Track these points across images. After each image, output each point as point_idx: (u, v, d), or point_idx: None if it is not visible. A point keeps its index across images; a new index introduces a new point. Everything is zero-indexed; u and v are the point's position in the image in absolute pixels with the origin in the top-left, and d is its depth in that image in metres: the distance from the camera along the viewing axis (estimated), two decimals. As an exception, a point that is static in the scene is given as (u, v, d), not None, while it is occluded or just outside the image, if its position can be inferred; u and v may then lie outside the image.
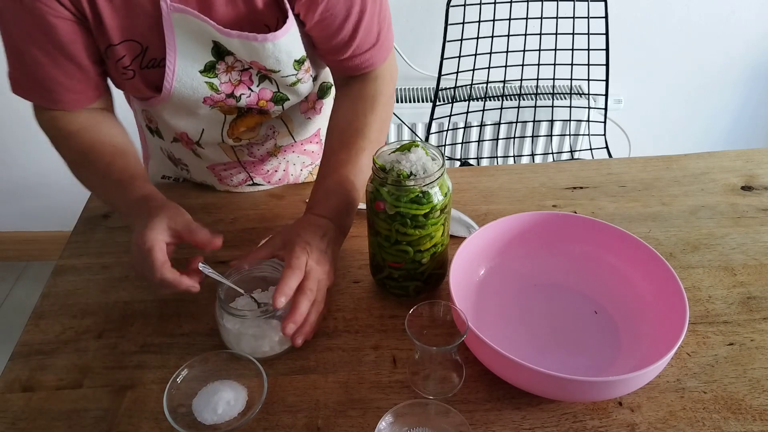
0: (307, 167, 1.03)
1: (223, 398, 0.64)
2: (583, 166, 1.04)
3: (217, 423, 0.63)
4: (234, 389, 0.66)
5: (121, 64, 0.77)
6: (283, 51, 0.78)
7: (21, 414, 0.67)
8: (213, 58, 0.78)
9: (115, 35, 0.74)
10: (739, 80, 1.98)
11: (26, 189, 2.08)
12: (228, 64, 0.79)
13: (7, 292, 2.12)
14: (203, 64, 0.78)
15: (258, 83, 0.83)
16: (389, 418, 0.59)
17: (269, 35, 0.75)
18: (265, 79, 0.83)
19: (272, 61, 0.78)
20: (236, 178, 0.99)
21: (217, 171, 0.97)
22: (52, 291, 0.82)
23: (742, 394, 0.66)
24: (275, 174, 1.00)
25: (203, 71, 0.79)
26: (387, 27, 0.85)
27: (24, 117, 0.80)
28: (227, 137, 0.90)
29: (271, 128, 0.93)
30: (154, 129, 0.94)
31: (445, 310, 0.68)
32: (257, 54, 0.77)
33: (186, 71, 0.78)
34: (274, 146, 0.96)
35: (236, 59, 0.79)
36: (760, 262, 0.83)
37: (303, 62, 0.82)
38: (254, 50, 0.76)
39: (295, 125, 0.95)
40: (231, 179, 0.98)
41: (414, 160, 0.69)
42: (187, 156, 0.96)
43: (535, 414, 0.65)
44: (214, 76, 0.79)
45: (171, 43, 0.75)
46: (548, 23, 1.64)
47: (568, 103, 1.80)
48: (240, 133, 0.90)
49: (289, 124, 0.94)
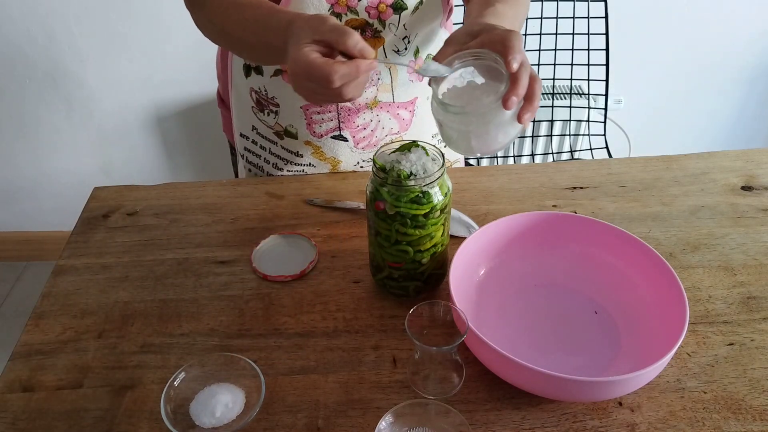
0: (394, 134, 1.02)
1: (221, 401, 0.64)
2: (583, 166, 1.04)
3: (216, 426, 0.63)
4: (232, 392, 0.66)
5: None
6: None
7: (21, 414, 0.67)
8: None
9: None
10: (739, 80, 1.98)
11: (26, 189, 2.08)
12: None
13: (7, 292, 2.12)
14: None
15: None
16: (389, 418, 0.59)
17: None
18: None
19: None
20: (326, 126, 0.98)
21: (310, 113, 0.96)
22: (52, 291, 0.82)
23: (742, 394, 0.66)
24: (363, 131, 0.99)
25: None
26: None
27: (24, 117, 0.80)
28: None
29: (377, 73, 0.93)
30: (253, 66, 0.95)
31: (445, 310, 0.68)
32: None
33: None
34: (374, 99, 0.95)
35: None
36: (760, 262, 0.83)
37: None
38: None
39: (399, 83, 0.95)
40: (320, 125, 0.98)
41: (414, 160, 0.69)
42: (284, 92, 0.95)
43: (535, 414, 0.65)
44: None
45: None
46: (548, 23, 1.64)
47: (568, 103, 1.80)
48: None
49: (394, 79, 0.94)
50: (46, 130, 1.94)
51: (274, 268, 0.83)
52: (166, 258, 0.87)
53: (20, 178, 2.05)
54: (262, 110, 1.00)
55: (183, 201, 0.98)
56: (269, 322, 0.76)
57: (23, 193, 2.09)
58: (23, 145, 1.98)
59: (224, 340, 0.74)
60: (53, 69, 1.82)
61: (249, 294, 0.80)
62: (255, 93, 0.99)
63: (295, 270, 0.83)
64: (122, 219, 0.94)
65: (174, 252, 0.88)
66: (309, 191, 0.98)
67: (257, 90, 0.98)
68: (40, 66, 1.82)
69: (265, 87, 0.97)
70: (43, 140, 1.96)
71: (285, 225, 0.92)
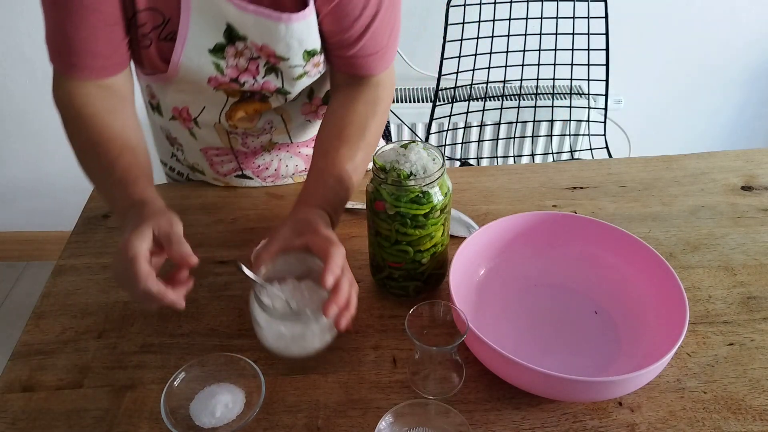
0: (300, 172, 1.03)
1: (221, 401, 0.64)
2: (583, 166, 1.04)
3: (216, 426, 0.63)
4: (232, 392, 0.66)
5: (141, 32, 0.78)
6: (295, 37, 0.78)
7: (21, 414, 0.67)
8: (224, 40, 0.78)
9: (141, 1, 0.75)
10: (739, 80, 1.98)
11: (26, 189, 2.08)
12: (237, 50, 0.80)
13: (7, 292, 2.12)
14: (213, 44, 0.79)
15: (264, 75, 0.83)
16: (389, 418, 0.59)
17: (284, 15, 0.75)
18: (272, 72, 0.83)
19: (283, 46, 0.78)
20: (226, 167, 0.99)
21: (210, 155, 0.97)
22: (52, 291, 0.82)
23: (742, 394, 0.66)
24: (266, 170, 1.00)
25: (212, 51, 0.79)
26: (395, 37, 0.85)
27: (24, 117, 0.80)
28: (225, 120, 0.90)
29: (269, 123, 0.93)
30: (155, 105, 0.94)
31: (445, 310, 0.68)
32: (269, 35, 0.77)
33: (195, 48, 0.78)
34: (269, 141, 0.96)
35: (246, 46, 0.79)
36: (760, 262, 0.83)
37: (314, 55, 0.82)
38: (267, 30, 0.76)
39: (294, 125, 0.95)
40: (221, 166, 0.99)
41: (414, 160, 0.69)
42: (182, 135, 0.96)
43: (535, 414, 0.65)
44: (222, 58, 0.80)
45: (186, 17, 0.76)
46: (548, 23, 1.64)
47: (568, 103, 1.80)
48: (237, 120, 0.90)
49: (288, 122, 0.94)
50: (46, 130, 1.94)
51: (273, 268, 0.83)
52: (166, 258, 0.87)
53: (20, 178, 2.05)
54: (171, 145, 1.01)
55: (183, 201, 0.98)
56: (269, 322, 0.76)
57: (23, 193, 2.09)
58: (23, 145, 1.98)
59: (224, 340, 0.74)
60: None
61: (249, 294, 0.80)
62: (162, 130, 1.00)
63: (295, 270, 0.83)
64: (122, 219, 0.94)
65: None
66: (309, 191, 0.98)
67: (162, 128, 0.99)
68: (40, 66, 1.81)
69: (167, 128, 0.97)
70: (43, 140, 1.96)
71: (285, 225, 0.92)
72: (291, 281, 0.70)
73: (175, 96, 0.89)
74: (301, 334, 0.65)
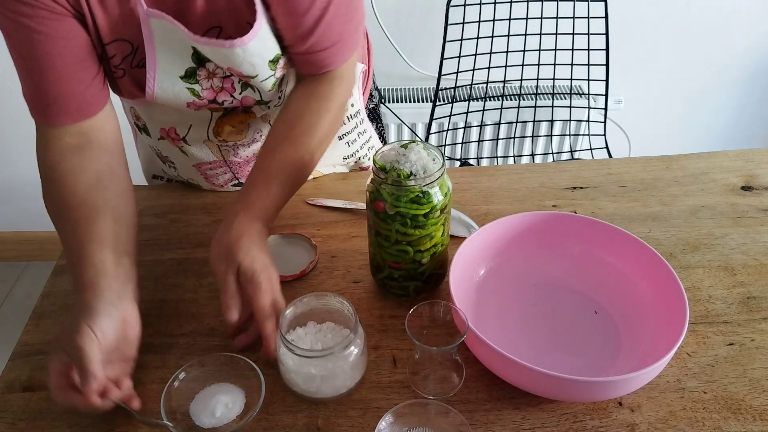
0: None
1: (221, 401, 0.64)
2: (583, 166, 1.04)
3: (216, 426, 0.63)
4: (231, 392, 0.66)
5: (113, 63, 0.77)
6: (255, 54, 0.77)
7: (21, 414, 0.67)
8: (194, 64, 0.78)
9: (106, 34, 0.74)
10: (739, 80, 1.98)
11: (26, 189, 2.08)
12: (209, 71, 0.79)
13: (7, 292, 2.12)
14: (184, 70, 0.78)
15: (240, 91, 0.82)
16: (389, 418, 0.59)
17: (237, 41, 0.74)
18: (248, 87, 0.83)
19: (247, 66, 0.77)
20: (222, 178, 0.98)
21: (203, 170, 0.97)
22: (52, 291, 0.82)
23: (742, 394, 0.66)
24: None
25: (184, 77, 0.78)
26: (353, 30, 0.82)
27: (24, 117, 0.80)
28: (213, 135, 0.90)
29: (258, 132, 0.93)
30: (141, 126, 0.94)
31: (445, 310, 0.68)
32: (231, 60, 0.76)
33: (167, 77, 0.78)
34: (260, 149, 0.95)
35: (217, 66, 0.79)
36: (760, 262, 0.83)
37: (278, 60, 0.81)
38: (226, 57, 0.76)
39: None
40: (217, 178, 0.98)
41: (414, 160, 0.69)
42: (173, 154, 0.95)
43: (535, 414, 0.65)
44: (195, 82, 0.79)
45: (150, 48, 0.75)
46: (548, 23, 1.64)
47: (568, 103, 1.80)
48: (226, 134, 0.90)
49: None
50: (46, 130, 1.94)
51: (274, 268, 0.83)
52: (166, 258, 0.87)
53: (20, 178, 2.05)
54: (163, 162, 1.01)
55: (183, 201, 0.98)
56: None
57: (23, 193, 2.09)
58: (23, 145, 1.97)
59: (224, 340, 0.74)
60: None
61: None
62: (151, 148, 1.00)
63: (295, 270, 0.83)
64: (122, 219, 0.94)
65: (174, 252, 0.88)
66: (309, 191, 0.98)
67: (151, 146, 0.99)
68: (40, 66, 1.81)
69: (156, 146, 0.97)
70: (43, 140, 1.96)
71: (285, 225, 0.92)
72: (312, 324, 0.70)
73: (160, 117, 0.88)
74: (331, 373, 0.65)
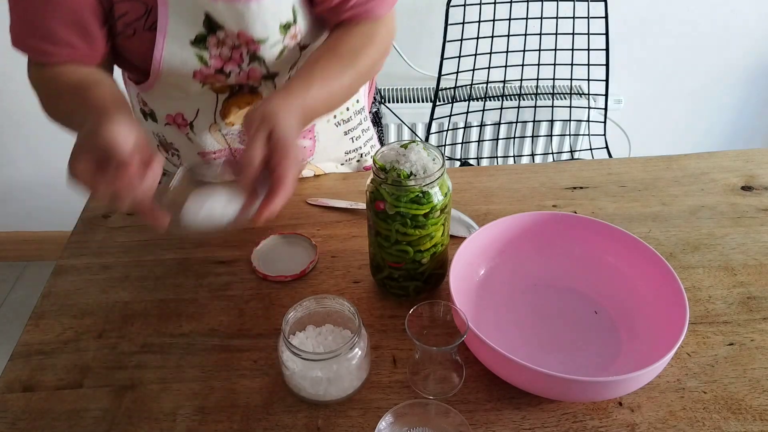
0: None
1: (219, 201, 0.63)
2: (583, 166, 1.04)
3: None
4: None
5: (124, 21, 0.78)
6: (268, 13, 0.77)
7: (21, 414, 0.67)
8: (204, 30, 0.78)
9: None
10: (739, 80, 1.98)
11: (26, 189, 2.08)
12: (219, 39, 0.79)
13: (7, 292, 2.12)
14: (194, 35, 0.79)
15: (248, 62, 0.83)
16: (389, 418, 0.59)
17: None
18: (255, 59, 0.83)
19: (259, 27, 0.78)
20: None
21: (207, 159, 0.97)
22: (52, 291, 0.82)
23: (742, 394, 0.66)
24: None
25: (194, 42, 0.79)
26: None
27: (24, 117, 0.80)
28: (220, 119, 0.90)
29: None
30: (147, 112, 0.94)
31: (445, 310, 0.68)
32: (244, 20, 0.77)
33: (177, 40, 0.78)
34: None
35: (227, 34, 0.79)
36: (760, 262, 0.83)
37: (289, 27, 0.81)
38: (240, 15, 0.76)
39: None
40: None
41: (414, 160, 0.69)
42: (179, 140, 0.95)
43: (535, 414, 0.65)
44: (205, 48, 0.80)
45: (164, 11, 0.76)
46: (548, 23, 1.64)
47: (568, 103, 1.80)
48: (233, 116, 0.90)
49: None
50: (46, 131, 1.93)
51: (274, 268, 0.83)
52: (166, 258, 0.87)
53: (20, 178, 2.05)
54: (166, 151, 1.01)
55: (183, 201, 0.98)
56: (269, 322, 0.76)
57: (23, 193, 2.09)
58: (23, 145, 1.98)
59: (224, 340, 0.74)
60: (53, 69, 1.82)
61: (249, 294, 0.80)
62: (156, 136, 1.00)
63: (295, 270, 0.83)
64: (122, 219, 0.94)
65: (174, 252, 0.88)
66: (309, 191, 0.98)
67: (156, 134, 0.99)
68: (40, 66, 1.81)
69: (162, 133, 0.97)
70: (43, 140, 1.95)
71: (285, 225, 0.92)
72: (311, 328, 0.70)
73: (166, 103, 0.88)
74: (338, 375, 0.64)
